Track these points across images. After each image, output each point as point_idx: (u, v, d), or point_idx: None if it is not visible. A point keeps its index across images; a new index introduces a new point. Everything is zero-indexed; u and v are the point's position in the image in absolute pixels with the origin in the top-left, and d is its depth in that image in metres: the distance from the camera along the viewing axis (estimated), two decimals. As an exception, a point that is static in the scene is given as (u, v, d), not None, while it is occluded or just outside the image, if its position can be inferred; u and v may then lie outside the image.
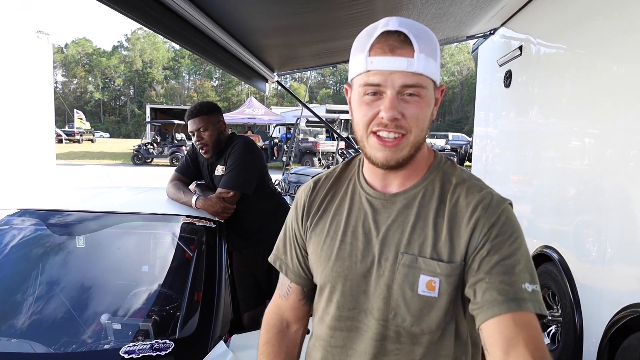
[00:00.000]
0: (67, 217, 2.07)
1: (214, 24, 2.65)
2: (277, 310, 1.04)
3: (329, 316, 0.92)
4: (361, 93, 0.82)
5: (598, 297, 2.54)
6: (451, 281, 0.82)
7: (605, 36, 2.60)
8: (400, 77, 0.78)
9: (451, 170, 0.90)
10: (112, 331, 1.65)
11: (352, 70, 0.84)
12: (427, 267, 0.83)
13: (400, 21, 0.80)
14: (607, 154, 2.54)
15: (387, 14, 3.05)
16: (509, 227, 0.83)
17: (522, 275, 0.79)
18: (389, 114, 0.78)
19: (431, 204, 0.86)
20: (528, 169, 3.73)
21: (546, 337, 3.25)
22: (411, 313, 0.84)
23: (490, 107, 4.96)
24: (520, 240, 0.83)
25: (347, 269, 0.89)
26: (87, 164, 17.68)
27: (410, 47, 0.78)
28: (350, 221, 0.91)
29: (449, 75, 65.19)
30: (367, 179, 0.92)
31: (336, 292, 0.91)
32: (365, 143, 0.84)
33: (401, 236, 0.86)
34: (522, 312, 0.77)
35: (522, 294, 0.78)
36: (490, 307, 0.77)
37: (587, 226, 2.72)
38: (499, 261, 0.79)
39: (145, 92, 65.97)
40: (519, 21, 4.02)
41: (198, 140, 2.27)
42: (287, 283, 1.03)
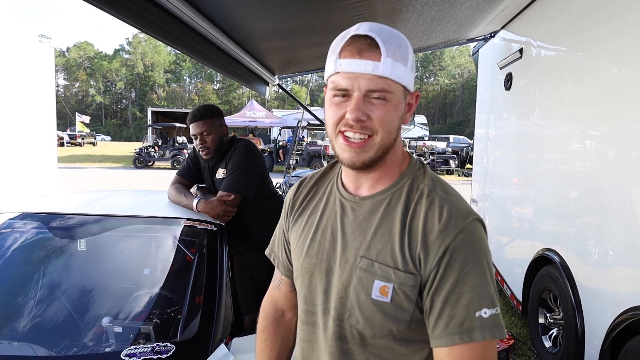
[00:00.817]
0: (69, 220, 2.08)
1: (214, 28, 2.66)
2: (272, 300, 1.12)
3: (301, 310, 0.98)
4: (331, 95, 0.84)
5: (600, 299, 2.54)
6: (404, 290, 0.82)
7: (605, 38, 2.60)
8: (366, 80, 0.80)
9: (422, 177, 0.90)
10: (114, 334, 1.66)
11: (325, 72, 0.87)
12: (382, 272, 0.84)
13: (371, 26, 0.82)
14: (608, 156, 2.54)
15: (387, 17, 3.07)
16: (466, 251, 0.80)
17: (475, 303, 0.79)
18: (354, 115, 0.80)
19: (395, 212, 0.87)
20: (529, 172, 3.73)
21: (548, 340, 3.24)
22: (364, 316, 0.85)
23: (491, 110, 4.96)
24: (476, 262, 0.80)
25: (313, 266, 0.93)
26: (88, 167, 17.71)
27: (378, 51, 0.80)
28: (322, 221, 0.95)
29: (450, 78, 65.23)
30: (343, 181, 0.95)
31: (304, 287, 0.95)
32: (335, 143, 0.86)
33: (362, 240, 0.87)
34: (469, 344, 0.78)
35: (472, 324, 0.78)
36: (439, 337, 0.80)
37: (588, 228, 2.72)
38: (451, 290, 0.80)
39: (147, 95, 66.13)
40: (519, 24, 4.03)
41: (201, 144, 2.28)
42: (278, 275, 1.10)
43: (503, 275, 4.29)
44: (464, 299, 0.79)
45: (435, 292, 0.81)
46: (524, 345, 3.43)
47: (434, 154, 19.35)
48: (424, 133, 25.78)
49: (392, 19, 3.02)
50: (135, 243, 2.19)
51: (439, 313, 0.80)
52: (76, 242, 2.07)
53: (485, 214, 5.10)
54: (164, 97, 65.77)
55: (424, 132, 26.33)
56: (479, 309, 0.78)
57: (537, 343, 3.34)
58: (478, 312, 0.78)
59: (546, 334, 3.28)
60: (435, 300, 0.81)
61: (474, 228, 0.83)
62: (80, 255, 2.06)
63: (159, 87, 67.67)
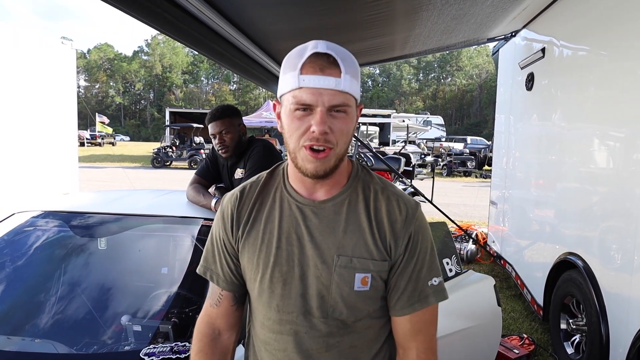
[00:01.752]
0: (90, 219, 2.10)
1: (232, 27, 2.66)
2: (209, 319, 1.07)
3: (271, 321, 0.97)
4: (292, 109, 0.87)
5: (626, 306, 2.46)
6: (381, 275, 0.95)
7: (631, 37, 2.52)
8: (329, 96, 0.85)
9: (369, 179, 1.01)
10: (133, 333, 1.66)
11: (283, 87, 0.90)
12: (361, 265, 0.93)
13: (328, 45, 0.88)
14: (634, 158, 2.47)
15: (407, 15, 3.03)
16: (422, 234, 0.97)
17: (429, 274, 0.97)
18: (320, 127, 0.85)
19: (358, 210, 0.96)
20: (551, 174, 3.65)
21: (570, 346, 3.16)
22: (348, 307, 0.94)
23: (511, 111, 4.88)
24: (428, 240, 0.99)
25: (286, 273, 0.95)
26: (108, 167, 18.01)
27: (338, 68, 0.86)
28: (283, 228, 0.96)
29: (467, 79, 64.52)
30: (293, 187, 0.98)
31: (275, 296, 0.95)
32: (297, 155, 0.90)
33: (335, 240, 0.94)
34: (426, 308, 0.97)
35: (427, 291, 0.97)
36: (403, 307, 0.96)
37: (613, 232, 2.64)
38: (413, 269, 0.96)
39: (165, 96, 67.03)
40: (542, 23, 3.94)
41: (220, 143, 2.28)
42: (218, 291, 1.05)
43: (523, 279, 4.21)
44: (422, 273, 0.96)
45: (402, 273, 0.96)
46: (544, 352, 3.36)
47: (451, 155, 19.14)
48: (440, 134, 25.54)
49: (412, 17, 2.99)
50: (154, 242, 2.20)
51: (404, 289, 0.96)
52: (96, 240, 2.08)
53: (504, 216, 5.01)
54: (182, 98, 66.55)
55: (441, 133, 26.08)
56: (430, 278, 0.97)
57: (558, 349, 3.26)
58: (430, 282, 0.97)
59: (568, 340, 3.20)
60: (400, 279, 0.96)
61: (421, 214, 0.99)
62: (100, 253, 2.08)
63: (176, 88, 68.50)
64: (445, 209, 5.06)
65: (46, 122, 5.16)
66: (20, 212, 2.16)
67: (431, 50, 4.53)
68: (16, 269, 1.98)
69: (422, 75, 70.44)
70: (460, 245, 5.67)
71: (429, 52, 4.77)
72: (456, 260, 2.39)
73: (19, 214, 2.16)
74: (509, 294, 4.52)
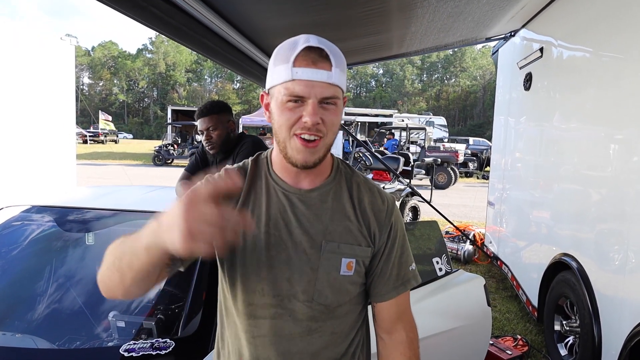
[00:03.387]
0: (77, 214, 2.09)
1: (227, 25, 2.65)
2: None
3: (252, 306, 0.98)
4: (284, 100, 0.90)
5: (618, 308, 2.44)
6: (364, 261, 1.01)
7: (630, 38, 2.50)
8: (321, 88, 0.89)
9: (350, 172, 1.07)
10: (116, 329, 1.65)
11: (274, 79, 0.92)
12: (348, 250, 0.99)
13: (319, 39, 0.91)
14: (630, 161, 2.44)
15: (402, 12, 3.01)
16: (399, 224, 1.06)
17: (408, 261, 1.07)
18: (313, 119, 0.88)
19: (342, 200, 1.02)
20: (548, 175, 3.62)
21: (563, 347, 3.14)
22: (333, 291, 0.98)
23: (510, 111, 4.85)
24: (403, 230, 1.07)
25: (272, 258, 0.97)
26: (109, 164, 18.05)
27: (329, 62, 0.89)
28: (271, 213, 0.99)
29: (471, 80, 64.38)
30: (279, 175, 1.01)
31: (260, 280, 0.97)
32: (288, 144, 0.92)
33: (322, 226, 0.98)
34: (406, 292, 1.06)
35: (408, 276, 1.06)
36: (388, 292, 1.04)
37: (608, 234, 2.62)
38: (396, 255, 1.04)
39: (168, 94, 67.14)
40: (540, 22, 3.92)
41: (207, 139, 2.27)
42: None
43: (518, 280, 4.18)
44: (402, 259, 1.05)
45: (386, 259, 1.03)
46: (538, 353, 3.33)
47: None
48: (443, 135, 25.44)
49: (407, 14, 2.97)
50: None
51: (389, 274, 1.03)
52: (84, 236, 2.07)
53: (502, 217, 4.99)
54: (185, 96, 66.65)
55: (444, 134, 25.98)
56: (409, 264, 1.07)
57: (552, 351, 3.23)
58: (409, 267, 1.07)
59: (562, 341, 3.17)
60: (385, 265, 1.03)
61: (397, 207, 1.07)
62: (87, 249, 2.07)
63: (180, 86, 68.61)
64: (445, 209, 5.04)
65: (44, 119, 5.16)
66: (8, 206, 2.16)
67: (429, 49, 4.51)
68: (3, 264, 1.97)
69: (425, 75, 70.31)
70: (458, 246, 5.64)
71: (428, 51, 4.74)
72: (446, 260, 2.37)
73: (8, 208, 2.15)
74: (505, 295, 4.49)
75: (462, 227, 6.09)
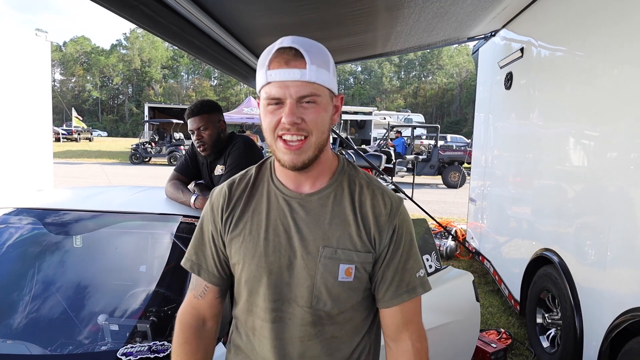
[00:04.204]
0: (65, 216, 2.05)
1: (212, 21, 2.63)
2: (193, 310, 1.09)
3: (258, 308, 1.00)
4: (265, 104, 0.92)
5: (599, 300, 2.53)
6: (364, 266, 0.98)
7: (607, 39, 2.58)
8: (296, 87, 0.88)
9: (354, 173, 1.04)
10: (110, 332, 1.63)
11: (257, 84, 0.94)
12: (345, 256, 0.96)
13: (293, 39, 0.90)
14: (608, 157, 2.53)
15: (389, 12, 3.04)
16: (405, 227, 1.01)
17: (415, 266, 1.01)
18: (289, 119, 0.88)
19: (343, 203, 0.99)
20: (528, 171, 3.72)
21: (545, 340, 3.23)
22: (332, 297, 0.97)
23: (491, 109, 4.95)
24: (411, 234, 1.03)
25: (272, 263, 0.97)
26: (84, 163, 17.62)
27: (302, 60, 0.88)
28: (270, 219, 0.99)
29: (448, 77, 65.24)
30: (280, 180, 1.02)
31: (262, 285, 0.98)
32: (275, 147, 0.93)
33: (320, 232, 0.97)
34: (414, 299, 1.01)
35: (414, 284, 1.01)
36: (391, 298, 1.00)
37: (588, 229, 2.71)
38: (399, 261, 1.00)
39: (144, 91, 65.87)
40: (521, 23, 4.01)
41: (198, 139, 2.25)
42: (203, 284, 1.07)
43: (500, 275, 4.29)
44: (408, 265, 1.00)
45: (388, 265, 0.99)
46: (521, 345, 3.43)
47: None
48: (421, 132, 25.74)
49: (394, 14, 2.99)
50: (132, 240, 2.16)
51: (391, 280, 1.00)
52: (72, 238, 2.03)
53: (483, 213, 5.09)
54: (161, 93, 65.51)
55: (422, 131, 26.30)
56: (417, 270, 1.01)
57: (534, 343, 3.33)
58: (417, 273, 1.01)
59: (544, 334, 3.27)
60: (387, 271, 0.99)
61: (405, 208, 1.03)
62: (76, 251, 2.03)
63: (156, 83, 67.37)
64: (425, 206, 5.11)
65: (20, 117, 5.00)
66: (-8, 209, 2.09)
67: (412, 48, 4.56)
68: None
69: (403, 73, 70.91)
70: (440, 242, 5.74)
71: (411, 50, 4.79)
72: (436, 257, 2.41)
73: (-9, 211, 2.09)
74: (487, 289, 4.59)
75: (444, 224, 6.20)
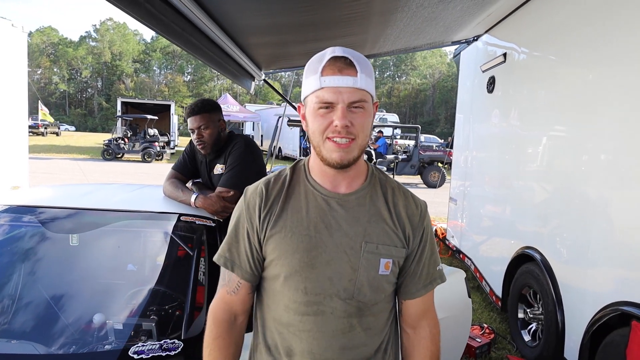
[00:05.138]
0: (62, 214, 2.02)
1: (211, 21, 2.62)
2: (225, 306, 1.12)
3: (297, 303, 1.04)
4: (316, 107, 0.98)
5: (580, 295, 2.66)
6: (399, 261, 1.08)
7: (585, 46, 2.72)
8: (348, 93, 0.96)
9: (384, 177, 1.15)
10: (117, 331, 1.63)
11: (306, 90, 1.02)
12: (385, 252, 1.05)
13: (344, 50, 0.99)
14: (587, 158, 2.66)
15: (382, 15, 3.10)
16: (430, 228, 1.14)
17: (437, 261, 1.15)
18: (342, 122, 0.96)
19: (378, 204, 1.08)
20: (510, 171, 3.85)
21: (527, 334, 3.37)
22: (372, 289, 1.05)
23: (472, 111, 5.09)
24: (432, 234, 1.15)
25: (314, 258, 1.03)
26: (53, 158, 17.06)
27: (354, 69, 0.97)
28: (311, 217, 1.05)
29: (421, 78, 66.18)
30: (317, 180, 1.08)
31: (303, 280, 1.03)
32: (322, 148, 1.00)
33: (361, 229, 1.05)
34: (432, 290, 1.14)
35: (436, 276, 1.13)
36: (419, 290, 1.12)
37: (569, 227, 2.84)
38: (427, 256, 1.12)
39: (114, 85, 64.10)
40: (503, 29, 4.14)
41: (198, 138, 2.25)
42: (236, 280, 1.11)
43: (482, 272, 4.43)
44: (432, 259, 1.13)
45: (419, 260, 1.10)
46: (503, 339, 3.56)
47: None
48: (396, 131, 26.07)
49: (386, 18, 3.06)
50: (132, 238, 2.15)
51: (420, 274, 1.11)
52: (71, 236, 2.00)
53: (464, 212, 5.24)
54: (132, 88, 63.92)
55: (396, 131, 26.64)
56: (438, 264, 1.14)
57: (516, 337, 3.47)
58: (437, 267, 1.14)
59: (525, 328, 3.41)
60: (418, 266, 1.11)
61: (428, 211, 1.16)
62: (76, 250, 2.00)
63: (127, 77, 65.69)
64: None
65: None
66: (-15, 206, 2.04)
67: (399, 51, 4.65)
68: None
69: (378, 73, 71.54)
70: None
71: (397, 52, 4.88)
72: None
73: (-16, 208, 2.03)
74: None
75: (424, 222, 6.33)
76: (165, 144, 20.23)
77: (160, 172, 14.76)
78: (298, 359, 1.06)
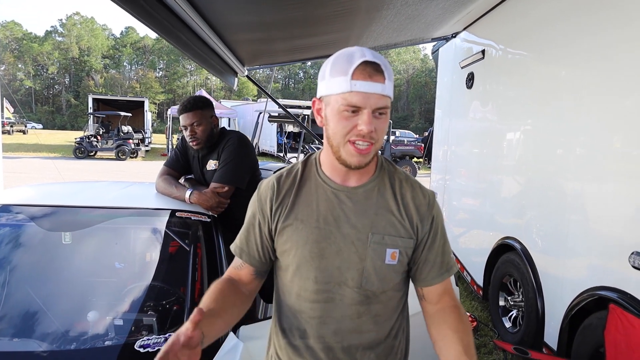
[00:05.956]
0: (58, 212, 2.00)
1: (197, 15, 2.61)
2: (231, 272, 1.20)
3: (308, 292, 1.10)
4: (341, 109, 1.00)
5: (559, 282, 2.79)
6: (407, 251, 1.11)
7: (562, 42, 2.85)
8: (375, 99, 0.98)
9: (393, 169, 1.18)
10: (116, 327, 1.64)
11: (330, 89, 1.01)
12: (391, 242, 1.09)
13: (373, 54, 1.01)
14: (564, 151, 2.79)
15: (368, 13, 3.16)
16: (440, 217, 1.16)
17: (450, 249, 1.18)
18: (369, 127, 0.99)
19: (386, 195, 1.12)
20: (489, 166, 3.98)
21: (508, 321, 3.51)
22: (379, 278, 1.09)
23: (451, 106, 5.21)
24: (443, 222, 1.18)
25: (323, 249, 1.08)
26: (23, 157, 16.51)
27: (383, 75, 0.99)
28: (321, 210, 1.10)
29: (395, 74, 66.81)
30: (327, 174, 1.13)
31: (313, 269, 1.09)
32: (342, 149, 1.03)
33: (368, 220, 1.09)
34: (450, 276, 1.17)
35: (450, 264, 1.16)
36: (435, 277, 1.14)
37: (548, 217, 2.97)
38: (439, 245, 1.14)
39: (83, 81, 62.29)
40: (481, 26, 4.26)
41: (191, 135, 2.26)
42: (239, 262, 1.19)
43: (463, 263, 4.57)
44: (444, 248, 1.15)
45: (430, 249, 1.13)
46: (485, 327, 3.69)
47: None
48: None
49: (372, 15, 3.11)
50: (127, 234, 2.15)
51: (433, 262, 1.13)
52: (62, 235, 1.99)
53: (443, 205, 5.37)
54: (102, 84, 62.23)
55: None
56: (450, 252, 1.18)
57: (497, 324, 3.61)
58: (450, 255, 1.17)
59: (506, 315, 3.55)
60: (429, 254, 1.13)
61: (437, 201, 1.18)
62: (71, 248, 1.99)
63: (96, 73, 63.91)
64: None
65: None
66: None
67: (380, 47, 4.71)
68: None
69: (352, 68, 71.62)
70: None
71: (379, 49, 4.95)
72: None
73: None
74: (449, 277, 4.86)
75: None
76: (140, 141, 19.84)
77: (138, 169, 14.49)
78: (311, 341, 1.12)
